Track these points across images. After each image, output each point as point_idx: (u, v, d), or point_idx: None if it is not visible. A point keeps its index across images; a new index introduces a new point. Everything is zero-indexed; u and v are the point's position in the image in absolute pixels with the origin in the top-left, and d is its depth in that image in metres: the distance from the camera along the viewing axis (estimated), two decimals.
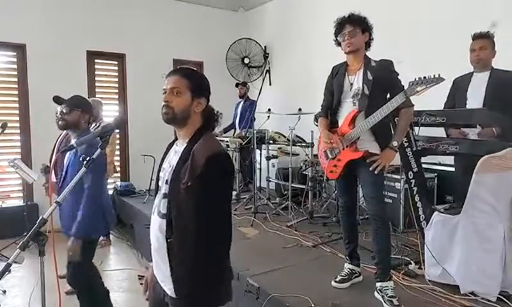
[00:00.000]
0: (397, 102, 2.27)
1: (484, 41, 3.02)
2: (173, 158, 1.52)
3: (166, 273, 1.46)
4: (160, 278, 1.52)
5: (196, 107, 1.50)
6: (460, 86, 3.17)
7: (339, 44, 2.54)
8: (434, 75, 2.17)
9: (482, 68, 3.05)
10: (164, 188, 1.49)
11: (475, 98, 3.01)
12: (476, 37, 3.06)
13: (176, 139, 1.59)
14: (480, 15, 3.64)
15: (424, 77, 2.20)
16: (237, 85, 6.15)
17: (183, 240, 1.40)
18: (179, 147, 1.53)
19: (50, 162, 3.54)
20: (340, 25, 2.50)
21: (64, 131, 2.89)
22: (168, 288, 1.47)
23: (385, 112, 2.31)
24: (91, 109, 2.71)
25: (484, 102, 2.94)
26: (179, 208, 1.42)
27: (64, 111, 2.54)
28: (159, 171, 1.59)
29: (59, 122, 2.56)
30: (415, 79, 2.22)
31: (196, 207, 1.38)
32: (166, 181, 1.48)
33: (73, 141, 2.60)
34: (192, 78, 1.51)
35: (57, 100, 2.59)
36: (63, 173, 2.56)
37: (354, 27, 2.44)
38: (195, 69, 1.64)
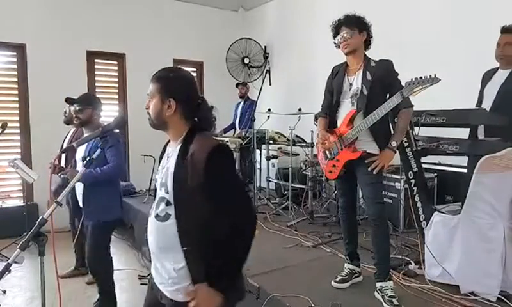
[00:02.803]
0: (393, 102, 2.27)
1: (510, 37, 2.79)
2: (167, 160, 1.49)
3: (165, 276, 1.44)
4: (158, 280, 1.50)
5: (167, 110, 1.43)
6: (484, 81, 2.99)
7: (338, 46, 2.54)
8: (430, 76, 2.17)
9: (506, 66, 2.83)
10: (160, 191, 1.47)
11: (489, 97, 2.86)
12: (503, 31, 2.83)
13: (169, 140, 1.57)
14: (486, 13, 3.64)
15: (420, 78, 2.20)
16: (237, 85, 6.15)
17: (202, 242, 1.36)
18: (171, 149, 1.50)
19: (60, 159, 3.55)
20: (337, 27, 2.51)
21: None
22: (167, 290, 1.45)
23: (382, 112, 2.30)
24: (100, 104, 2.85)
25: (493, 104, 2.80)
26: (188, 212, 1.39)
27: (77, 110, 2.70)
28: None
29: (74, 121, 2.77)
30: (411, 79, 2.22)
31: (211, 202, 1.35)
32: (161, 184, 1.46)
33: (85, 135, 2.71)
34: (160, 80, 1.46)
35: (69, 100, 2.77)
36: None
37: (351, 27, 2.44)
38: (173, 69, 1.59)
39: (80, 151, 2.70)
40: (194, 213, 1.38)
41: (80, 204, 2.75)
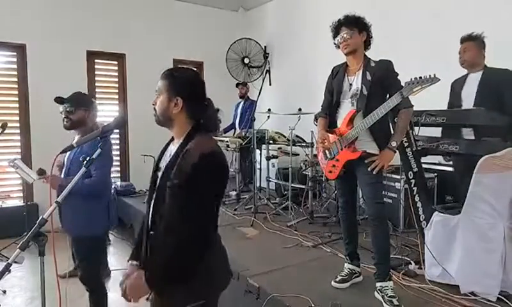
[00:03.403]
0: (393, 102, 2.27)
1: (467, 44, 3.06)
2: (168, 158, 1.50)
3: None
4: None
5: (174, 108, 1.45)
6: (456, 88, 3.19)
7: (338, 47, 2.55)
8: (429, 75, 2.17)
9: (472, 69, 3.07)
10: None
11: (468, 99, 3.02)
12: (461, 41, 3.11)
13: (173, 138, 1.58)
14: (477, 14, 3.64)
15: (420, 77, 2.20)
16: (237, 85, 6.15)
17: (161, 240, 1.39)
18: (174, 147, 1.51)
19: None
20: (336, 28, 2.52)
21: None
22: None
23: (382, 112, 2.31)
24: (95, 105, 2.65)
25: (475, 102, 2.94)
26: (162, 207, 1.41)
27: (69, 110, 2.48)
28: (156, 170, 1.57)
29: (65, 122, 2.51)
30: (411, 79, 2.22)
31: (182, 205, 1.35)
32: None
33: (76, 138, 2.60)
34: (169, 78, 1.48)
35: (59, 100, 2.53)
36: (66, 170, 2.53)
37: (350, 28, 2.45)
38: (183, 68, 1.61)
39: (63, 157, 2.51)
40: (165, 208, 1.40)
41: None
